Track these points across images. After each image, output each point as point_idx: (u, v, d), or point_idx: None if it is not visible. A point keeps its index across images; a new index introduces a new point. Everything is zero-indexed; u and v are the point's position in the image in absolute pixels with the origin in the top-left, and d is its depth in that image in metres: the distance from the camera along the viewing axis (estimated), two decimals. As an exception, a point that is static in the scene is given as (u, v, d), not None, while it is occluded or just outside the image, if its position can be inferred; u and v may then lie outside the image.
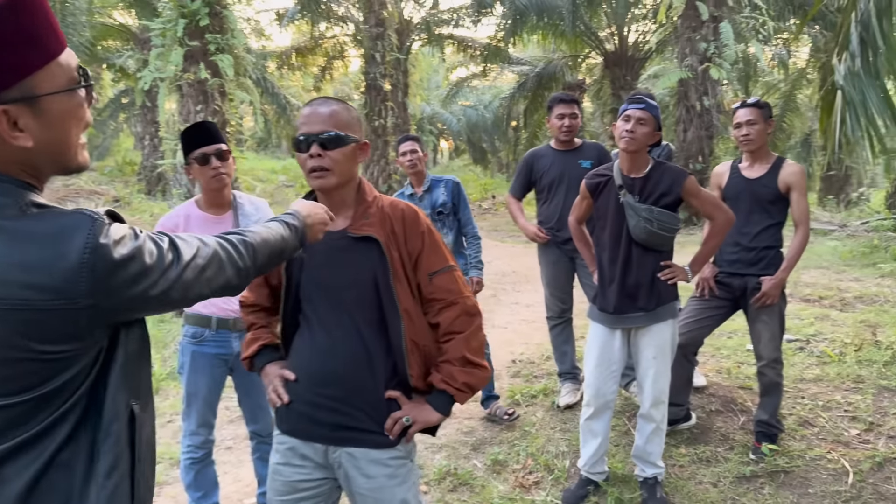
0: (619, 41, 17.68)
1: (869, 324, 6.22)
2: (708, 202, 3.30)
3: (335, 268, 1.94)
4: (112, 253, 1.11)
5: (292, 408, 1.98)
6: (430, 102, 30.42)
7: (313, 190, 2.00)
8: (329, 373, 1.93)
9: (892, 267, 8.62)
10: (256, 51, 20.75)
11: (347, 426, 1.93)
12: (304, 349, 1.99)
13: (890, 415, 4.18)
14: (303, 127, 1.90)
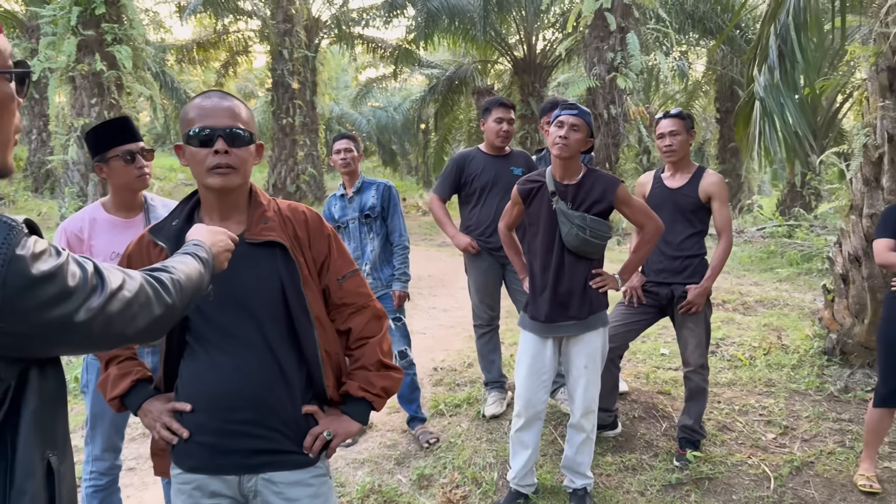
0: (528, 48, 17.91)
1: (773, 327, 6.47)
2: (639, 210, 3.28)
3: (234, 278, 1.73)
4: (29, 268, 0.94)
5: (194, 441, 1.76)
6: (338, 102, 29.93)
7: (197, 192, 1.84)
8: (237, 395, 1.73)
9: (789, 272, 9.06)
10: (155, 43, 19.80)
11: (264, 450, 1.76)
12: (201, 372, 1.76)
13: (802, 418, 4.31)
14: (202, 119, 1.71)
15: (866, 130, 4.81)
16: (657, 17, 12.80)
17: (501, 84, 21.15)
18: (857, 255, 4.86)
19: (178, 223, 1.80)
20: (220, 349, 1.75)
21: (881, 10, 4.72)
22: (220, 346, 1.75)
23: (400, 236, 4.09)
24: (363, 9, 18.84)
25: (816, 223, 11.41)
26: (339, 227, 4.18)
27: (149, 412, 1.82)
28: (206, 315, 1.74)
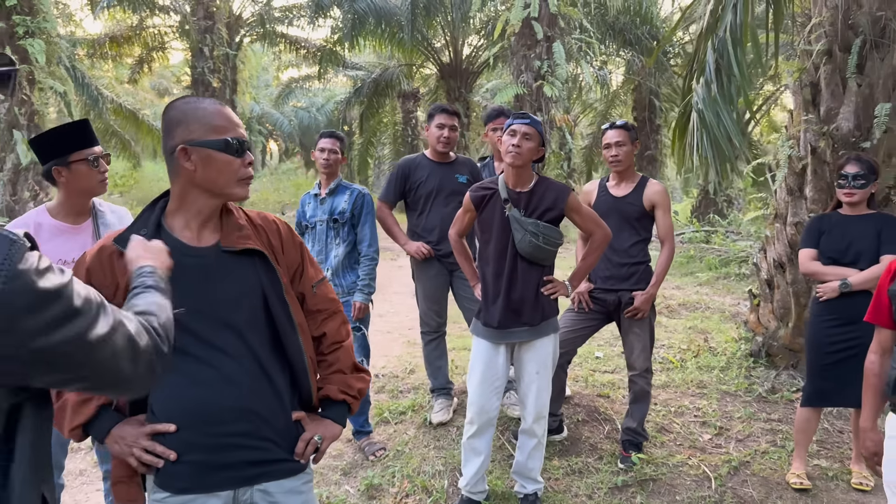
0: (454, 53, 18.04)
1: (698, 330, 6.72)
2: (589, 218, 3.33)
3: (212, 287, 1.69)
4: (34, 284, 0.87)
5: (182, 461, 1.66)
6: (259, 102, 29.30)
7: (162, 199, 1.77)
8: (228, 407, 1.67)
9: (708, 276, 9.44)
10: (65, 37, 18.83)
11: (258, 461, 1.73)
12: (184, 387, 1.66)
13: (735, 419, 4.48)
14: (234, 129, 1.70)
15: (790, 143, 5.07)
16: (581, 27, 13.11)
17: (427, 88, 21.21)
18: (781, 261, 5.11)
19: (148, 232, 1.69)
20: (203, 362, 1.67)
21: (805, 28, 4.98)
22: (203, 359, 1.67)
23: (369, 246, 3.99)
24: (287, 7, 18.52)
25: (731, 229, 11.93)
26: (307, 226, 4.07)
27: (120, 438, 1.68)
28: (185, 327, 1.62)
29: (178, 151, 1.66)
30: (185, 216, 1.73)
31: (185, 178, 1.68)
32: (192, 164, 1.66)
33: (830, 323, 3.53)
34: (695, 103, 4.12)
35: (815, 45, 4.83)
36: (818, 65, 4.85)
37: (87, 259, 1.71)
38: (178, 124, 1.67)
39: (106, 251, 1.70)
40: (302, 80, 25.52)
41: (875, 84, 4.57)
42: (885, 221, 3.51)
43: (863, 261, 3.46)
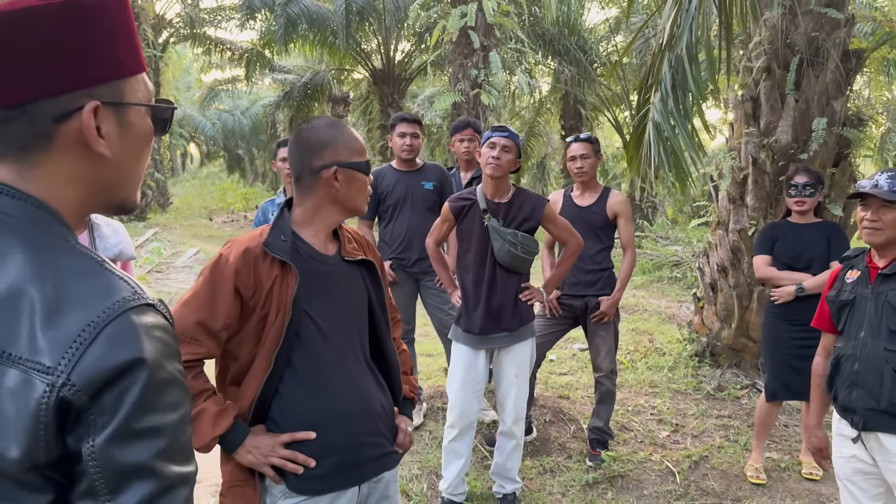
0: (387, 59, 18.05)
1: (641, 332, 7.00)
2: (563, 228, 3.47)
3: (338, 295, 1.85)
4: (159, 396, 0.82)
5: (321, 465, 1.76)
6: (181, 104, 28.45)
7: (287, 208, 1.89)
8: (357, 409, 1.84)
9: (643, 279, 9.82)
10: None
11: (381, 455, 1.93)
12: (318, 393, 1.78)
13: (689, 416, 4.71)
14: (365, 151, 1.87)
15: (732, 154, 5.38)
16: (516, 37, 13.40)
17: (359, 93, 21.13)
18: (724, 266, 5.40)
19: (287, 239, 1.79)
20: (332, 367, 1.81)
21: (746, 46, 5.31)
22: (333, 364, 1.81)
23: None
24: (214, 9, 18.13)
25: (660, 234, 12.43)
26: None
27: (255, 448, 1.72)
28: (324, 333, 1.79)
29: (328, 172, 1.78)
30: (315, 227, 1.85)
31: (326, 194, 1.81)
32: (339, 184, 1.80)
33: (787, 323, 3.77)
34: (652, 116, 4.33)
35: (756, 63, 5.15)
36: (758, 81, 5.18)
37: (231, 260, 1.73)
38: (327, 146, 1.80)
39: (251, 253, 1.75)
40: (226, 82, 24.94)
41: (811, 99, 4.91)
42: (832, 229, 3.79)
43: (815, 266, 3.72)
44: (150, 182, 16.42)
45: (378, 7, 16.09)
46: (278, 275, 1.75)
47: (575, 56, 16.68)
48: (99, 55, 0.87)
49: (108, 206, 0.95)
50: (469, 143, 4.53)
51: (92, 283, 0.80)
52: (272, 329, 1.73)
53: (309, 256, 1.81)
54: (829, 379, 2.57)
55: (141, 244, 11.62)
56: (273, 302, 1.73)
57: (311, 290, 1.76)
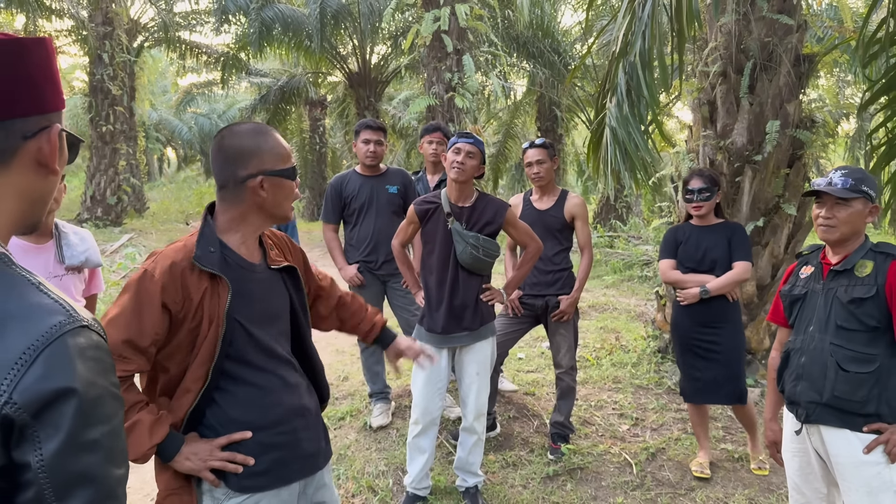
0: (363, 62, 18.14)
1: (609, 329, 7.16)
2: (524, 232, 3.59)
3: (265, 301, 1.90)
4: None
5: (261, 462, 1.83)
6: (157, 108, 28.30)
7: (210, 217, 1.89)
8: (293, 407, 1.92)
9: (613, 279, 9.99)
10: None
11: (317, 451, 2.01)
12: (252, 395, 1.84)
13: (649, 410, 4.86)
14: (291, 155, 1.90)
15: (691, 156, 5.54)
16: (489, 40, 13.54)
17: (335, 96, 21.17)
18: (684, 264, 5.56)
19: (216, 251, 1.81)
20: (264, 371, 1.88)
21: (702, 51, 5.47)
22: (267, 368, 1.89)
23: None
24: (189, 13, 18.10)
25: (633, 234, 12.63)
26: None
27: (193, 455, 1.76)
28: (256, 340, 1.85)
29: (253, 181, 1.80)
30: (240, 235, 1.87)
31: (253, 203, 1.83)
32: (266, 192, 1.82)
33: (693, 325, 3.87)
34: (608, 120, 4.47)
35: (712, 67, 5.32)
36: (714, 85, 5.35)
37: (157, 276, 1.72)
38: (252, 155, 1.80)
39: (177, 267, 1.75)
40: (203, 86, 24.87)
41: (765, 103, 5.09)
42: (734, 230, 3.84)
43: (718, 268, 3.79)
44: (126, 187, 16.35)
45: (353, 11, 16.18)
46: (208, 287, 1.76)
47: (549, 58, 16.87)
48: (53, 86, 1.01)
49: (31, 223, 1.04)
50: (437, 145, 4.65)
51: (29, 306, 0.89)
52: (205, 341, 1.76)
53: (237, 266, 1.83)
54: (779, 372, 2.65)
55: (115, 250, 11.61)
56: (204, 314, 1.75)
57: (241, 299, 1.80)
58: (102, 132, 15.81)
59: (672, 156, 6.21)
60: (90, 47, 15.72)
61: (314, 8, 14.93)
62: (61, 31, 18.10)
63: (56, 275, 2.69)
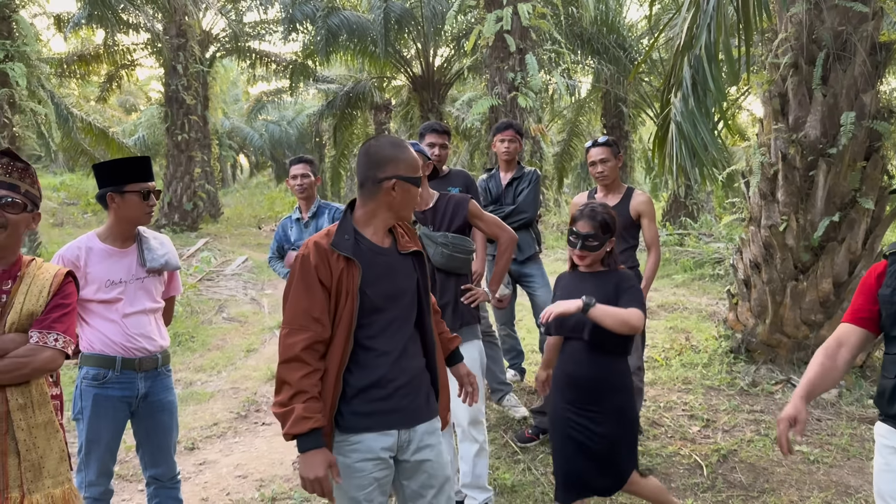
0: (426, 65, 18.30)
1: (678, 329, 7.02)
2: (492, 223, 3.50)
3: (397, 279, 2.23)
4: None
5: (368, 407, 2.19)
6: (229, 116, 29.24)
7: (350, 209, 2.30)
8: (407, 368, 2.23)
9: (683, 277, 9.78)
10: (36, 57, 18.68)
11: (417, 407, 2.29)
12: (374, 356, 2.18)
13: (721, 411, 4.76)
14: (420, 171, 2.27)
15: (762, 150, 5.39)
16: (552, 38, 13.45)
17: (399, 100, 21.42)
18: (756, 262, 5.42)
19: (350, 237, 2.19)
20: (391, 338, 2.21)
21: (772, 42, 5.32)
22: (391, 336, 2.21)
23: None
24: (258, 23, 18.64)
25: (703, 231, 12.33)
26: (295, 250, 4.24)
27: (312, 463, 2.05)
28: (384, 311, 2.19)
29: (388, 183, 2.18)
30: (373, 227, 2.25)
31: (384, 201, 2.21)
32: (396, 194, 2.20)
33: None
34: (673, 116, 4.40)
35: (782, 59, 5.17)
36: (785, 77, 5.19)
37: (311, 258, 2.14)
38: (390, 161, 2.19)
39: (323, 250, 2.16)
40: (272, 94, 25.59)
41: (839, 94, 4.91)
42: (622, 277, 2.97)
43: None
44: (201, 193, 16.95)
45: (416, 14, 16.34)
46: (344, 267, 2.13)
47: (614, 54, 16.62)
48: None
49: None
50: (510, 143, 4.67)
51: None
52: (344, 312, 2.12)
53: (369, 250, 2.20)
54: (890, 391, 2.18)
55: (192, 254, 12.06)
56: (343, 288, 2.12)
57: (371, 277, 2.16)
58: (178, 141, 16.44)
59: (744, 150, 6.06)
60: (165, 59, 16.37)
61: (378, 13, 15.16)
62: (138, 45, 18.94)
63: (138, 277, 2.84)
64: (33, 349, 2.08)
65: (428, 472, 2.28)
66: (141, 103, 34.00)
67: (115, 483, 3.99)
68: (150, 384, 2.83)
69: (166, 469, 2.95)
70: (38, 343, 2.10)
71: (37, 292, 2.15)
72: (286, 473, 4.15)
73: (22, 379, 2.07)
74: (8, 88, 9.08)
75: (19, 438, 2.04)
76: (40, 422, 2.10)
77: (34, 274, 2.18)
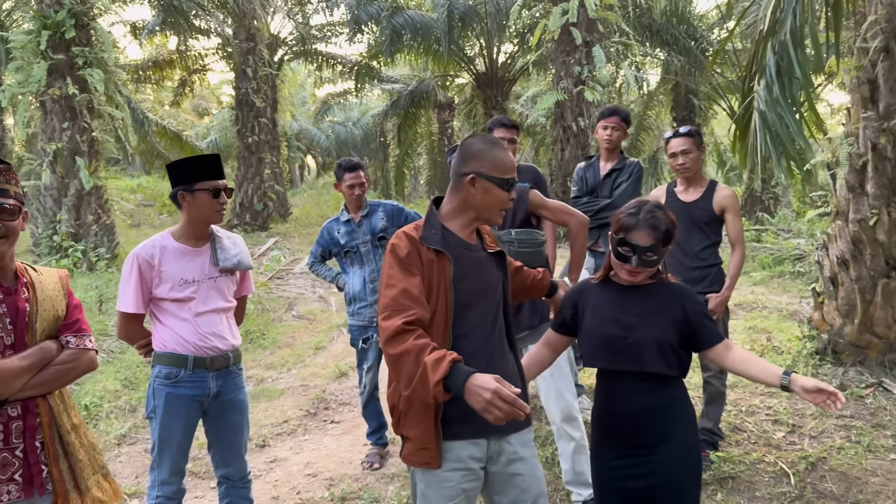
0: (490, 62, 18.17)
1: (758, 330, 6.72)
2: (557, 210, 3.39)
3: (485, 275, 2.20)
4: None
5: (458, 415, 2.07)
6: (297, 118, 29.79)
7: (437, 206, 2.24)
8: (505, 374, 2.04)
9: (762, 275, 9.39)
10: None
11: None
12: (468, 355, 2.05)
13: (807, 416, 4.51)
14: (513, 172, 2.17)
15: (850, 140, 5.08)
16: (620, 30, 13.15)
17: (463, 98, 21.37)
18: (844, 258, 5.12)
19: (437, 232, 2.16)
20: (483, 337, 2.16)
21: (860, 25, 5.01)
22: (483, 334, 2.16)
23: None
24: (325, 25, 18.88)
25: (782, 227, 11.83)
26: (348, 251, 4.20)
27: (476, 390, 1.78)
28: (474, 308, 2.14)
29: (467, 177, 2.13)
30: (459, 222, 2.20)
31: (463, 197, 2.16)
32: (475, 191, 2.13)
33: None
34: (756, 105, 4.18)
35: (872, 43, 4.85)
36: (875, 62, 4.87)
37: (402, 246, 2.10)
38: (474, 157, 2.15)
39: (414, 241, 2.12)
40: (338, 95, 25.95)
41: (936, 78, 4.58)
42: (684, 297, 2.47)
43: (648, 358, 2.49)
44: (271, 194, 17.27)
45: (480, 11, 16.23)
46: (434, 259, 2.09)
47: (684, 45, 16.15)
48: None
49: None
50: (613, 130, 4.49)
51: None
52: (439, 306, 2.07)
53: (457, 244, 2.16)
54: None
55: (262, 253, 12.30)
56: (434, 281, 2.08)
57: (461, 271, 2.11)
58: (248, 143, 16.78)
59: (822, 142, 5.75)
60: (235, 63, 16.75)
61: (442, 11, 15.11)
62: (209, 50, 19.47)
63: (211, 276, 2.85)
64: (76, 354, 2.11)
65: (520, 486, 2.18)
66: (213, 107, 35.02)
67: (188, 480, 4.08)
68: (221, 383, 2.83)
69: (237, 469, 2.96)
70: (78, 347, 2.13)
71: (54, 296, 2.15)
72: (355, 473, 4.14)
73: (67, 383, 2.11)
74: (87, 94, 9.42)
75: (67, 441, 2.07)
76: (76, 423, 2.14)
77: (39, 279, 2.16)
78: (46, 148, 9.41)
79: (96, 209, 9.91)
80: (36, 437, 2.01)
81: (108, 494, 2.13)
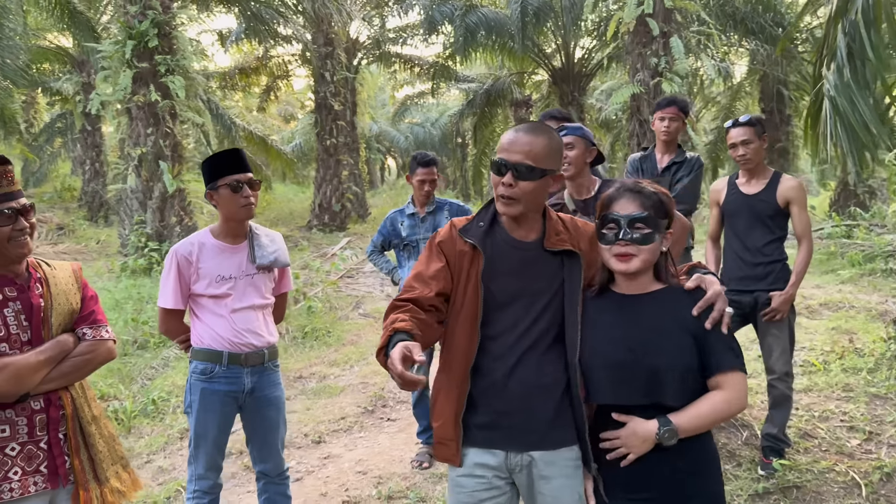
0: (566, 57, 17.88)
1: (842, 330, 6.32)
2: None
3: (524, 276, 2.02)
4: None
5: (475, 420, 2.03)
6: (376, 121, 30.26)
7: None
8: (524, 381, 1.99)
9: (851, 273, 8.84)
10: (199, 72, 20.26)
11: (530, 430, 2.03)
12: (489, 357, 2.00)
13: (886, 423, 4.19)
14: (502, 152, 1.98)
15: (938, 125, 4.69)
16: (700, 19, 12.68)
17: (539, 94, 21.14)
18: (933, 253, 4.73)
19: (484, 225, 2.07)
20: (507, 338, 2.01)
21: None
22: (507, 336, 2.01)
23: None
24: (400, 28, 19.06)
25: (875, 222, 11.11)
26: (407, 244, 4.20)
27: (391, 356, 1.71)
28: (504, 309, 2.01)
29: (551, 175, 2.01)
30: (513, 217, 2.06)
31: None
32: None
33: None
34: (826, 90, 3.91)
35: (963, 19, 4.46)
36: (967, 39, 4.48)
37: (441, 234, 2.10)
38: (557, 153, 2.03)
39: (455, 229, 2.08)
40: (416, 96, 26.19)
41: None
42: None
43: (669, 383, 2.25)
44: (349, 195, 17.59)
45: (555, 6, 16.00)
46: (468, 252, 2.02)
47: (771, 33, 15.43)
48: None
49: None
50: (670, 122, 4.30)
51: None
52: (467, 299, 2.00)
53: (502, 241, 2.04)
54: None
55: (334, 252, 12.54)
56: (464, 272, 2.02)
57: (497, 269, 2.00)
58: (327, 146, 17.14)
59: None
60: (314, 67, 17.14)
61: (515, 7, 14.97)
62: (293, 56, 20.01)
63: (248, 273, 2.89)
64: (94, 345, 2.15)
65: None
66: (298, 112, 36.02)
67: (240, 474, 4.17)
68: (256, 379, 2.86)
69: (274, 465, 2.98)
70: (95, 338, 2.16)
71: (68, 290, 2.18)
72: (404, 472, 4.12)
73: (87, 375, 2.15)
74: (169, 100, 9.84)
75: (88, 432, 2.11)
76: (96, 414, 2.17)
77: (52, 274, 2.19)
78: (132, 153, 9.90)
79: (179, 211, 10.34)
80: (59, 429, 2.07)
81: (126, 485, 2.18)
